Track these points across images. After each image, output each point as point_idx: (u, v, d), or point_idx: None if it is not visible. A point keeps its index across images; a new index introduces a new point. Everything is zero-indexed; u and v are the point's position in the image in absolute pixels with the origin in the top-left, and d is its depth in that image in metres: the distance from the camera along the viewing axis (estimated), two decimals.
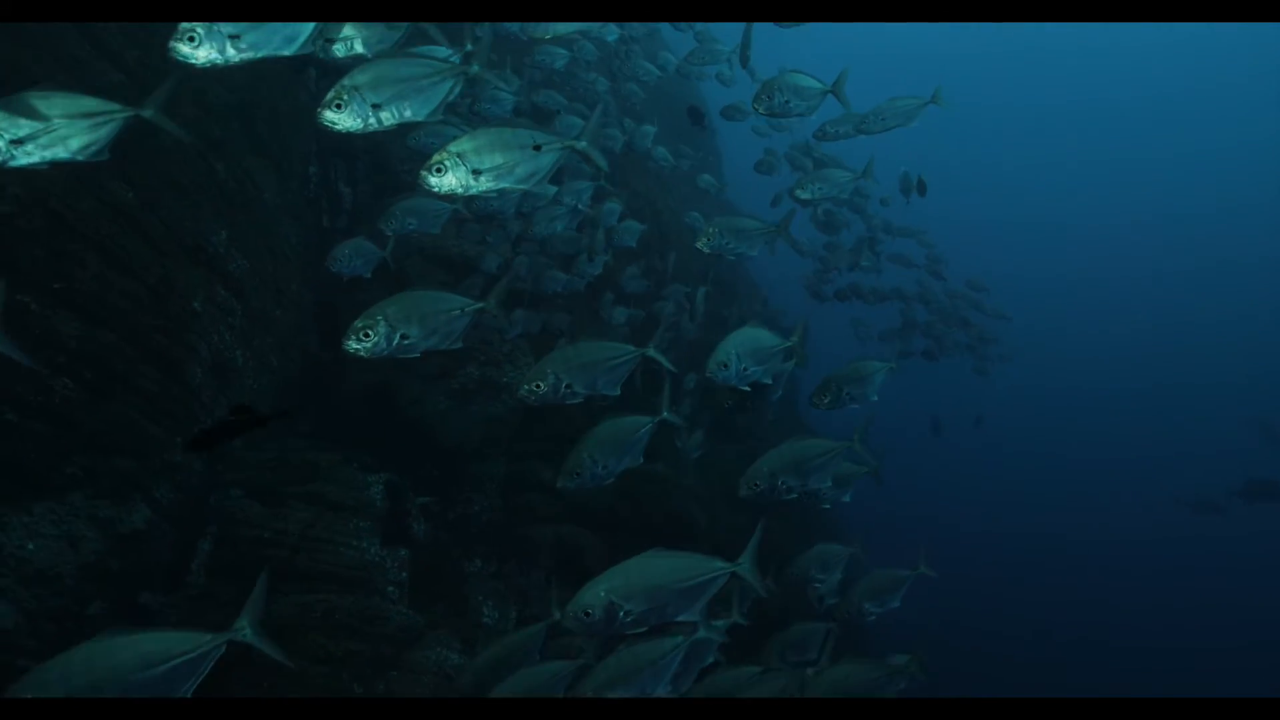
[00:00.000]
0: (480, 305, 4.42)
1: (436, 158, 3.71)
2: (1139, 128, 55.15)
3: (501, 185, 3.79)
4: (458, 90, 3.91)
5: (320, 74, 8.86)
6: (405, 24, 3.97)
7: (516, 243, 7.90)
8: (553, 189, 7.16)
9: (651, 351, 4.72)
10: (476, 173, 3.71)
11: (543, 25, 4.41)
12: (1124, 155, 54.84)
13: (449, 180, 3.71)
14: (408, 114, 3.74)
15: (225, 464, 6.23)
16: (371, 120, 3.67)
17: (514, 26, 7.15)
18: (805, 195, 6.65)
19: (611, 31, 8.10)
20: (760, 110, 5.59)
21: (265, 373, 7.06)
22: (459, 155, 3.70)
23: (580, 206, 7.18)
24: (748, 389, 5.71)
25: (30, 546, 4.90)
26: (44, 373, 4.97)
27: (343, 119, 3.64)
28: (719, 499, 8.68)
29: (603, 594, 3.58)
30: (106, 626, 2.98)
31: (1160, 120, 54.64)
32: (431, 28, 4.32)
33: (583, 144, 3.97)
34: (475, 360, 7.59)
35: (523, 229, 7.77)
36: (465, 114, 7.21)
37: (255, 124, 7.22)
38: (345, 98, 3.62)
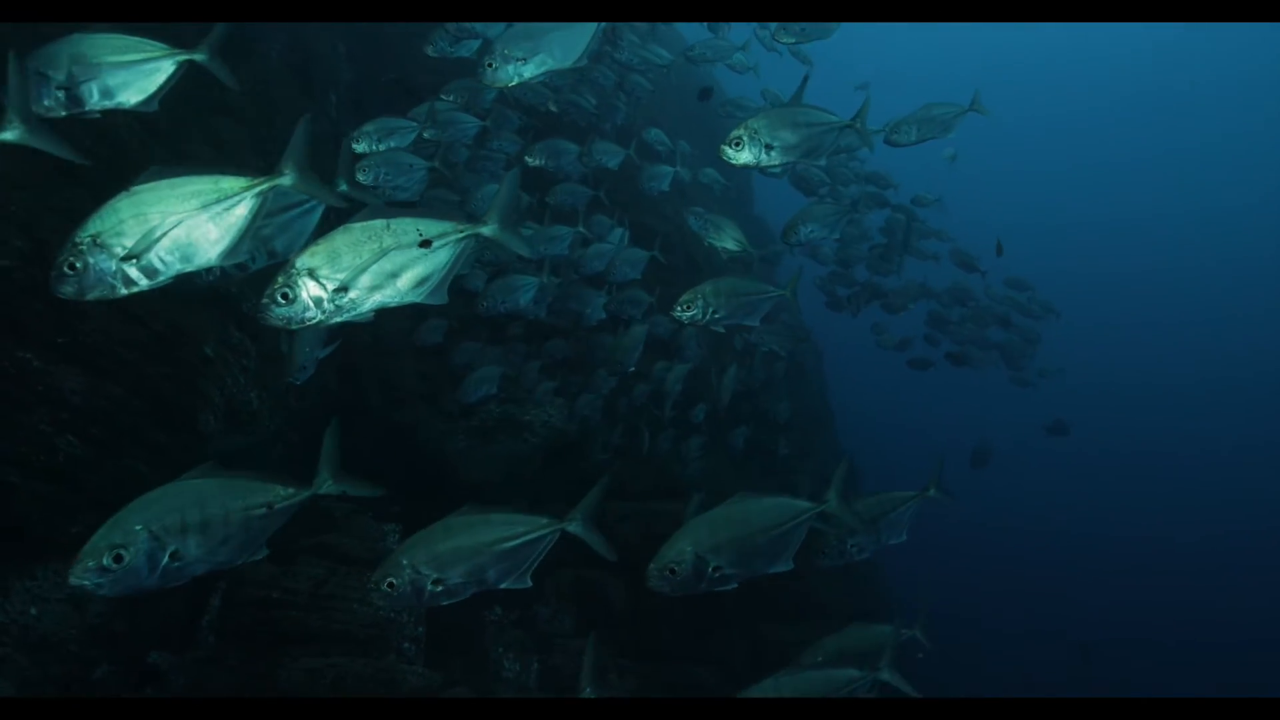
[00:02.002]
0: None
1: (278, 279, 2.57)
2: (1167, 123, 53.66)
3: (380, 301, 2.66)
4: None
5: (339, 101, 8.70)
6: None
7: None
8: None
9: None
10: (341, 290, 2.57)
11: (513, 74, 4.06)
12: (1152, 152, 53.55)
13: (297, 308, 2.58)
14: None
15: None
16: None
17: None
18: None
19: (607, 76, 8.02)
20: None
21: (282, 413, 6.88)
22: (309, 271, 2.55)
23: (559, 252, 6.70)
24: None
25: (33, 612, 4.73)
26: (47, 431, 4.81)
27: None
28: None
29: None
30: (114, 689, 2.92)
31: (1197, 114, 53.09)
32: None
33: (489, 229, 2.76)
34: (496, 397, 7.34)
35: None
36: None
37: (271, 156, 7.04)
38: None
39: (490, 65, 4.09)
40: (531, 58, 4.03)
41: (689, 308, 4.67)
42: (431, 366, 7.31)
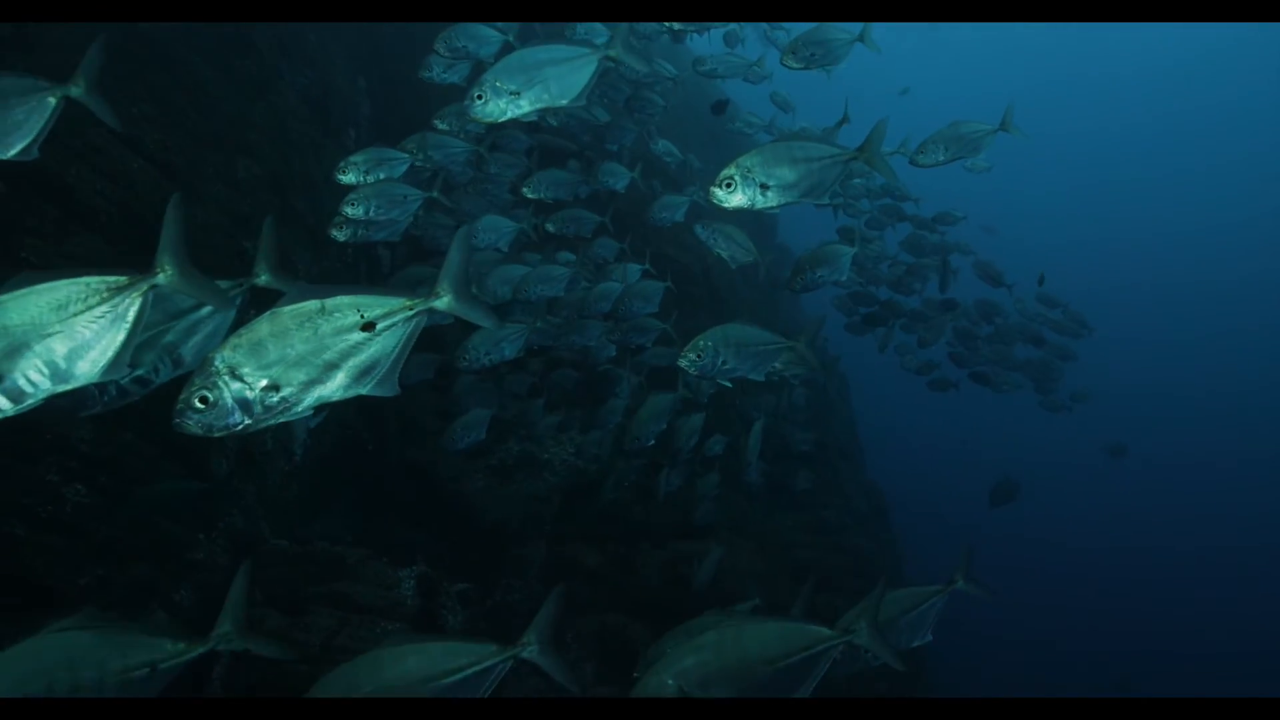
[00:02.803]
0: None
1: (195, 380, 2.26)
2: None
3: (319, 396, 2.34)
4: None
5: (359, 137, 8.65)
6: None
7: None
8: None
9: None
10: (271, 388, 2.26)
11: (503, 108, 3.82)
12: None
13: (219, 414, 2.25)
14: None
15: (251, 556, 5.90)
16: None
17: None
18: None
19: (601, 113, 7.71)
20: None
21: (297, 453, 6.77)
22: (230, 369, 2.24)
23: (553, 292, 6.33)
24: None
25: None
26: (54, 480, 4.70)
27: None
28: (780, 575, 8.07)
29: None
30: None
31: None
32: None
33: (442, 301, 2.39)
34: (515, 435, 7.18)
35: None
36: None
37: (288, 194, 6.99)
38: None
39: (479, 98, 3.82)
40: (525, 91, 3.78)
41: (697, 358, 4.40)
42: (449, 403, 7.16)
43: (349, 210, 5.45)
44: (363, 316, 2.33)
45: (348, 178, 5.64)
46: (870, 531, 9.92)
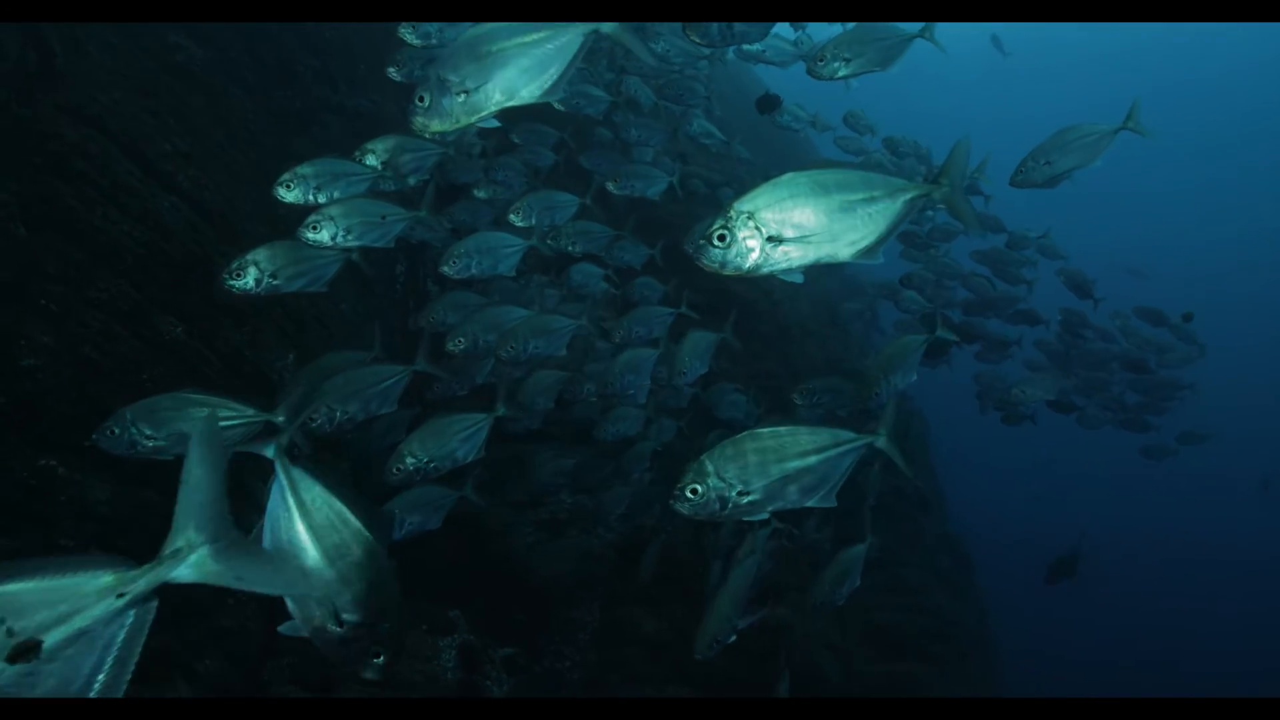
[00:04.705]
0: None
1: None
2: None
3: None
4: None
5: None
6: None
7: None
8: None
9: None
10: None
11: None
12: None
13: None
14: None
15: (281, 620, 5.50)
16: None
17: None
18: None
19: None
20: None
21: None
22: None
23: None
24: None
25: None
26: (69, 548, 4.35)
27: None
28: (856, 642, 7.34)
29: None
30: None
31: None
32: None
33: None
34: (569, 486, 6.66)
35: None
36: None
37: None
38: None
39: (423, 101, 2.74)
40: (480, 86, 2.71)
41: (695, 495, 2.87)
42: (496, 451, 6.68)
43: (310, 235, 4.24)
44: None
45: (291, 195, 4.40)
46: (954, 589, 9.07)
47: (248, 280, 4.12)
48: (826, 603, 5.05)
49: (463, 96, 2.72)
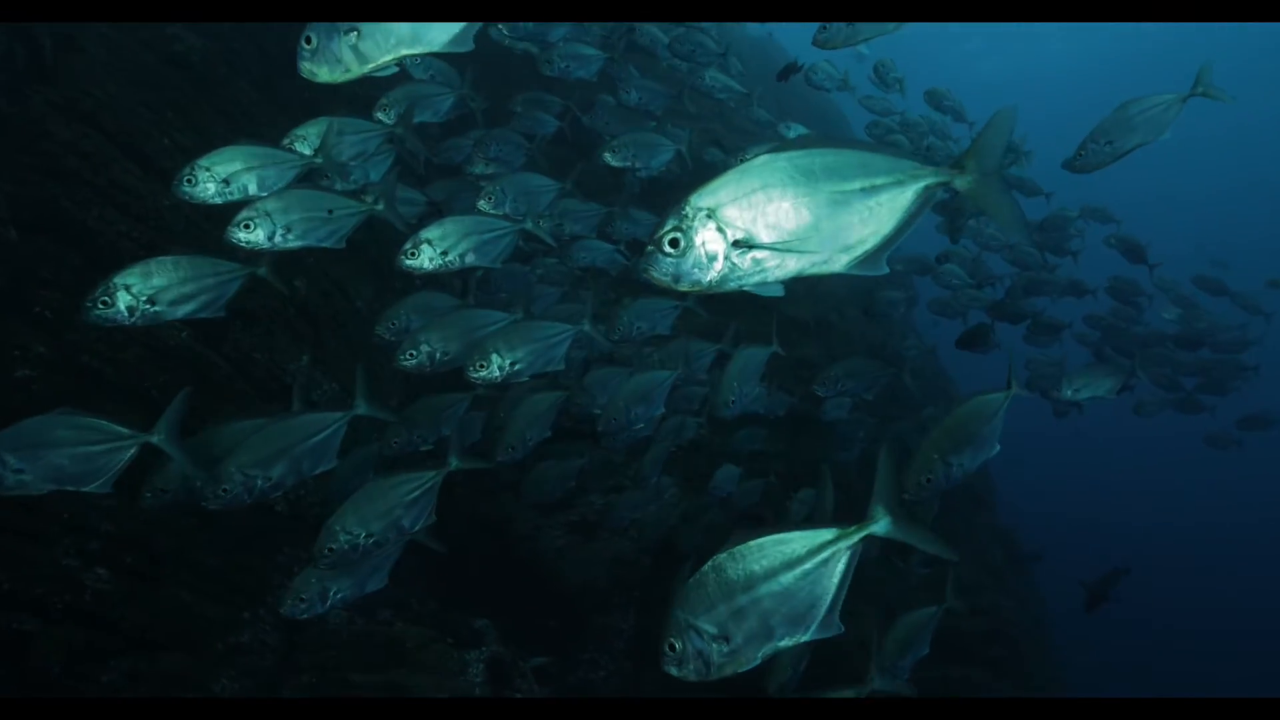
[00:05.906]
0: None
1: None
2: None
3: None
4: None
5: (428, 159, 8.05)
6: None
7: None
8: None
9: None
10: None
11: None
12: None
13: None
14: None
15: (301, 635, 5.27)
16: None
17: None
18: None
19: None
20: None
21: None
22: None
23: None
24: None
25: None
26: (73, 565, 4.15)
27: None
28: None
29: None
30: None
31: None
32: None
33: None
34: (598, 487, 6.35)
35: None
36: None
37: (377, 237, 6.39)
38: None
39: (309, 44, 2.23)
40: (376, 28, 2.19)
41: (671, 647, 2.22)
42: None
43: (242, 236, 3.63)
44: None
45: (206, 191, 3.72)
46: (1008, 587, 8.60)
47: (117, 309, 3.32)
48: (888, 674, 3.91)
49: (353, 36, 2.23)
